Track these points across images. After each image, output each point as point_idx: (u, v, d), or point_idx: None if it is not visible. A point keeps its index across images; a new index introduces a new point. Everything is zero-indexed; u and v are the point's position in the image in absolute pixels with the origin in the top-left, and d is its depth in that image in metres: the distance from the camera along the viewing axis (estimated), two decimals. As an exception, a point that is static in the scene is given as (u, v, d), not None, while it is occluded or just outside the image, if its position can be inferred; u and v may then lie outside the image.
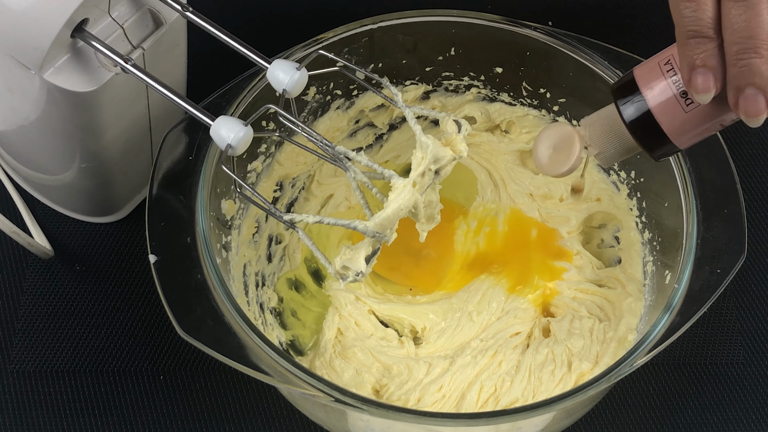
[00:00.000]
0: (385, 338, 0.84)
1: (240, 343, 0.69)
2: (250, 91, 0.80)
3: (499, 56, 0.89)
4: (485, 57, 0.89)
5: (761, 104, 0.58)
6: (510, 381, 0.80)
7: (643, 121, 0.65)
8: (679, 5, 0.60)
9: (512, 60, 0.88)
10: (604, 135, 0.69)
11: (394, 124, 0.95)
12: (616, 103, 0.66)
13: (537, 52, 0.85)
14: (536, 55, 0.85)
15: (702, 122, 0.64)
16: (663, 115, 0.64)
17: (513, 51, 0.86)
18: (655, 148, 0.66)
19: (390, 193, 0.67)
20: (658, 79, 0.64)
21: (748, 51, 0.57)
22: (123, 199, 0.94)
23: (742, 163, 0.99)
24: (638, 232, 0.86)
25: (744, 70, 0.58)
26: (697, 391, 0.86)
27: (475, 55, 0.89)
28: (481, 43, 0.87)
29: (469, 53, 0.89)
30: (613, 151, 0.69)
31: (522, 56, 0.87)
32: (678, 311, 0.71)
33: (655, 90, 0.64)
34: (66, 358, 0.87)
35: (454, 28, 0.86)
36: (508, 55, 0.88)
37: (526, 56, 0.86)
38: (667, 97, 0.64)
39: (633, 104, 0.65)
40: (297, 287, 0.88)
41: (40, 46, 0.71)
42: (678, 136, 0.65)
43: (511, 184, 0.92)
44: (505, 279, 0.87)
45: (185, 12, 0.76)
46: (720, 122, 0.64)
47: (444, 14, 0.85)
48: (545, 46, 0.84)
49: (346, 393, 0.67)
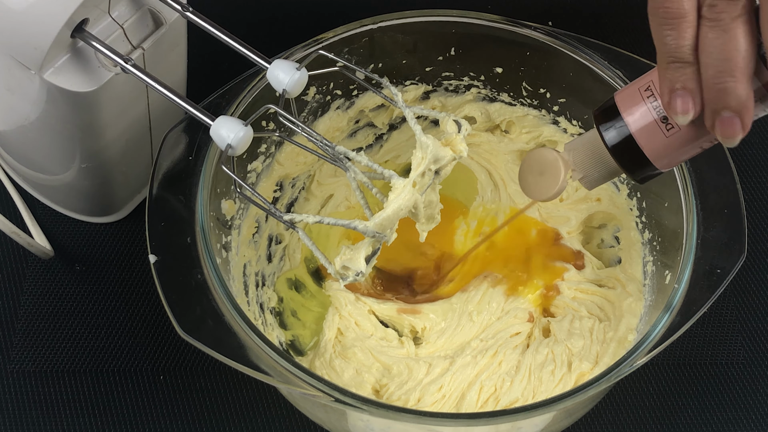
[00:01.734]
0: (385, 338, 0.84)
1: (240, 343, 0.69)
2: (250, 91, 0.80)
3: (499, 56, 0.89)
4: (485, 57, 0.89)
5: (737, 126, 0.59)
6: (510, 381, 0.80)
7: (625, 145, 0.66)
8: (661, 33, 0.60)
9: (512, 60, 0.88)
10: (587, 159, 0.70)
11: (394, 124, 0.95)
12: (598, 128, 0.68)
13: (537, 52, 0.85)
14: (536, 55, 0.85)
15: (682, 145, 0.65)
16: (644, 139, 0.65)
17: (513, 51, 0.86)
18: (637, 171, 0.68)
19: (390, 193, 0.67)
20: (638, 105, 0.65)
21: (724, 74, 0.58)
22: (123, 199, 0.94)
23: (742, 163, 0.99)
24: (638, 232, 0.86)
25: (720, 92, 0.58)
26: (697, 391, 0.86)
27: (475, 55, 0.89)
28: (481, 43, 0.87)
29: (469, 53, 0.89)
30: (596, 174, 0.70)
31: (522, 56, 0.86)
32: (678, 311, 0.71)
33: (635, 115, 0.65)
34: (66, 358, 0.87)
35: (454, 28, 0.85)
36: (508, 55, 0.88)
37: (526, 56, 0.86)
38: (648, 122, 0.64)
39: (615, 129, 0.66)
40: (297, 287, 0.88)
41: (40, 46, 0.71)
42: (659, 159, 0.66)
43: (511, 184, 0.92)
44: (505, 279, 0.87)
45: (185, 12, 0.76)
46: (700, 145, 0.65)
47: (444, 14, 0.85)
48: (545, 46, 0.84)
49: (346, 393, 0.66)
